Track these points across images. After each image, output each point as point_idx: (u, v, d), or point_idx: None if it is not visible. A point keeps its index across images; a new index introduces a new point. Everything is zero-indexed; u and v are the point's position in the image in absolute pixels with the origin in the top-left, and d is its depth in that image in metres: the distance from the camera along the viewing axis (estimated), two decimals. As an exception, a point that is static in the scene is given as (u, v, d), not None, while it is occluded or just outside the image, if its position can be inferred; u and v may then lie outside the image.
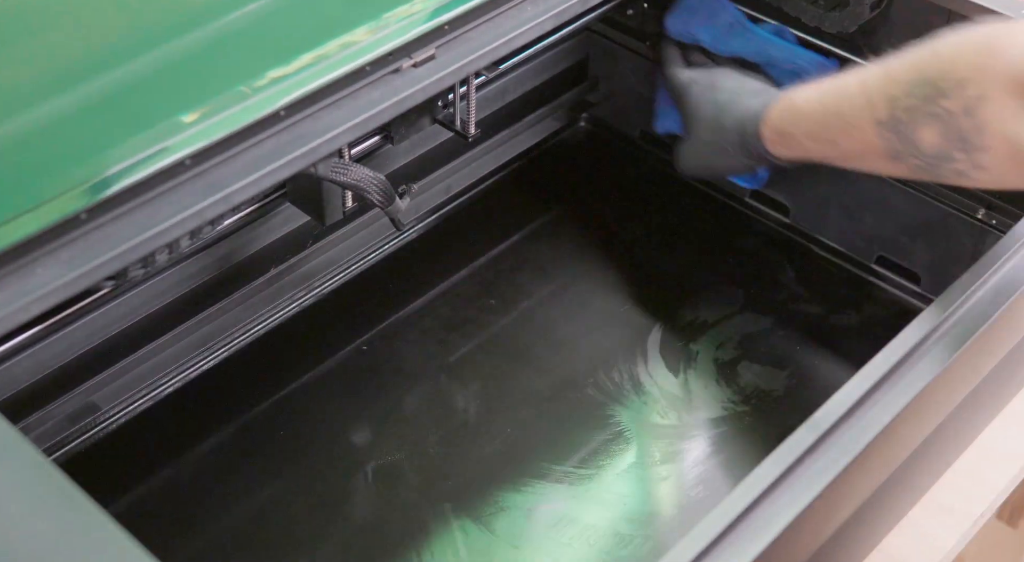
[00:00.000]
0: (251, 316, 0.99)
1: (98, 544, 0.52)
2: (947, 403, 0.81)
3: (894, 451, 0.77)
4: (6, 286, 0.62)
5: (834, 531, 0.75)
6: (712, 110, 0.95)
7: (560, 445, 0.93)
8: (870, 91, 0.79)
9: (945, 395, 0.80)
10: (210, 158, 0.70)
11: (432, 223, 1.11)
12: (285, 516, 0.89)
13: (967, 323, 0.74)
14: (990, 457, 0.95)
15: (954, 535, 0.89)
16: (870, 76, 0.80)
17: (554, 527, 0.88)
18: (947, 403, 0.81)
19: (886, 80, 0.78)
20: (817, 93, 0.85)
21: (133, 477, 0.90)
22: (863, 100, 0.80)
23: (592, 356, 1.00)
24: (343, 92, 0.75)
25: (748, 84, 0.96)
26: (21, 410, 0.85)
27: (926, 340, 0.74)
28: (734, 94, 0.94)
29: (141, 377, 0.93)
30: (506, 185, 1.15)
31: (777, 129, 0.89)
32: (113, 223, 0.66)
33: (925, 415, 0.79)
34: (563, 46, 1.13)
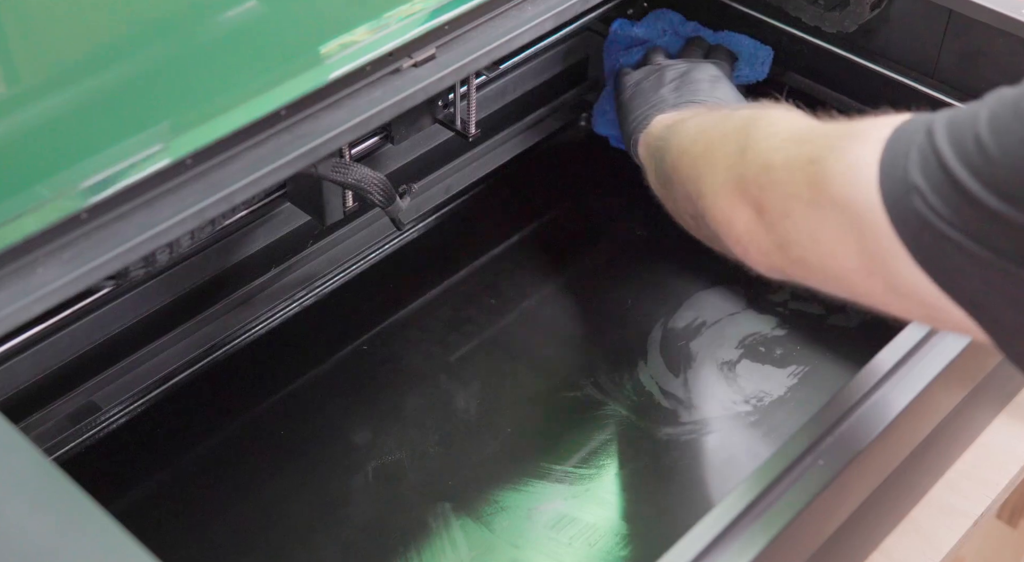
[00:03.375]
0: (251, 316, 0.99)
1: (98, 544, 0.52)
2: (947, 403, 0.81)
3: (894, 451, 0.77)
4: (7, 286, 0.62)
5: (834, 531, 0.75)
6: (630, 93, 0.96)
7: (560, 445, 0.93)
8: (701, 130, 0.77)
9: (945, 395, 0.80)
10: (211, 158, 0.69)
11: (432, 223, 1.11)
12: (285, 515, 0.89)
13: (967, 323, 0.74)
14: (990, 457, 0.95)
15: (954, 535, 0.90)
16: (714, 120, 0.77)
17: (554, 527, 0.88)
18: (947, 403, 0.81)
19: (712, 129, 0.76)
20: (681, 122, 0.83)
21: (133, 477, 0.90)
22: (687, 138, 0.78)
23: (592, 356, 1.00)
24: (343, 92, 0.75)
25: (694, 83, 0.94)
26: (22, 410, 0.85)
27: (926, 340, 0.74)
28: (660, 87, 0.94)
29: (141, 377, 0.93)
30: (506, 185, 1.15)
31: (645, 144, 0.89)
32: (114, 223, 0.66)
33: (925, 415, 0.79)
34: (563, 46, 1.13)
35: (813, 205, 0.61)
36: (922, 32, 0.95)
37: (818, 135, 0.64)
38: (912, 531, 0.90)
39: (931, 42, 0.95)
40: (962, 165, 0.52)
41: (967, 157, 0.52)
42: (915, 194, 0.53)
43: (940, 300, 0.55)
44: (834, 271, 0.62)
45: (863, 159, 0.57)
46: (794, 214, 0.63)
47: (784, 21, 1.03)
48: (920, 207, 0.53)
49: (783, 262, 0.66)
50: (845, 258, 0.60)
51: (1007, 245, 0.51)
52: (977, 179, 0.51)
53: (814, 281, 0.66)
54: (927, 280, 0.55)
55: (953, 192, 0.52)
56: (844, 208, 0.58)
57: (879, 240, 0.56)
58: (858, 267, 0.59)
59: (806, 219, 0.62)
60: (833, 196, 0.59)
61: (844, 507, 0.75)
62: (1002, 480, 0.94)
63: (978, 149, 0.52)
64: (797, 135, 0.66)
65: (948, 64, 0.94)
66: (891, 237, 0.55)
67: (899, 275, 0.56)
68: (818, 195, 0.60)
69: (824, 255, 0.61)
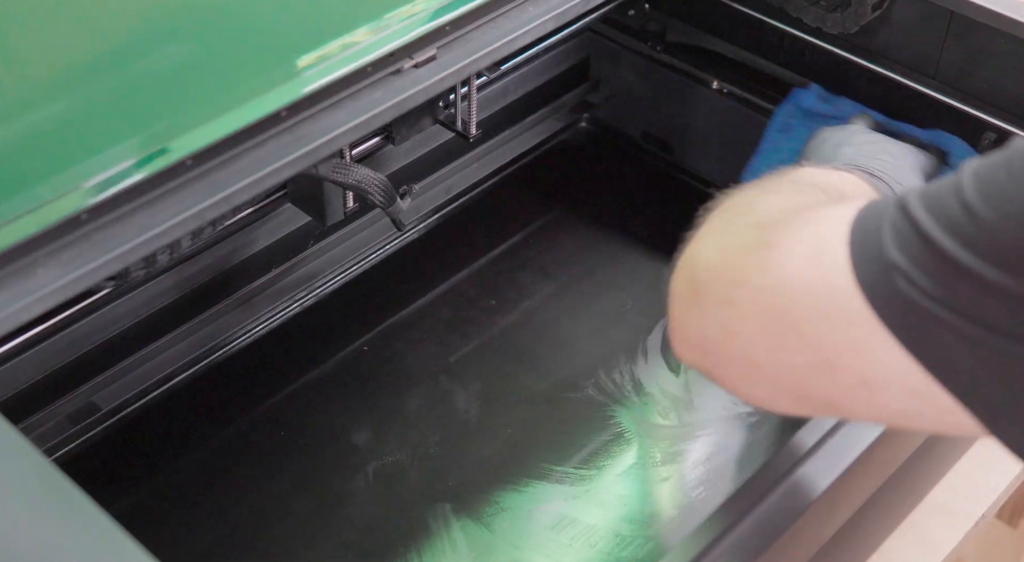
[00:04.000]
0: (252, 316, 0.99)
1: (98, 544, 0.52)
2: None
3: (895, 452, 0.77)
4: (7, 286, 0.62)
5: (834, 533, 0.75)
6: (817, 142, 0.86)
7: (561, 446, 0.93)
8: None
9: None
10: (211, 158, 0.69)
11: (433, 223, 1.11)
12: (286, 516, 0.89)
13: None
14: (990, 458, 0.95)
15: (954, 537, 0.90)
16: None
17: (554, 528, 0.88)
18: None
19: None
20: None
21: (133, 477, 0.90)
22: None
23: (593, 357, 1.00)
24: (344, 93, 0.75)
25: (868, 148, 0.82)
26: (22, 410, 0.85)
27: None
28: (844, 145, 0.83)
29: (141, 377, 0.93)
30: (507, 185, 1.15)
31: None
32: (114, 224, 0.66)
33: (926, 416, 0.79)
34: (564, 46, 1.13)
35: (764, 292, 0.54)
36: (923, 33, 0.95)
37: (777, 220, 0.57)
38: (912, 533, 0.90)
39: (932, 43, 0.95)
40: (948, 235, 0.47)
41: (954, 227, 0.47)
42: (896, 273, 0.49)
43: (929, 388, 0.50)
44: (778, 368, 0.54)
45: (827, 241, 0.52)
46: (739, 302, 0.55)
47: (785, 22, 1.02)
48: (903, 286, 0.48)
49: (713, 358, 0.58)
50: (801, 352, 0.53)
51: (1004, 319, 0.46)
52: (968, 249, 0.47)
53: (743, 381, 0.57)
54: (914, 366, 0.49)
55: (940, 266, 0.47)
56: (803, 294, 0.52)
57: (852, 324, 0.50)
58: (817, 361, 0.52)
59: (753, 307, 0.54)
60: (791, 281, 0.53)
61: (844, 509, 0.75)
62: (1002, 482, 0.94)
63: (968, 217, 0.47)
64: (766, 219, 0.58)
65: (950, 65, 0.94)
66: (869, 319, 0.50)
67: (876, 365, 0.50)
68: (772, 281, 0.54)
69: (773, 350, 0.54)
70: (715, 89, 1.11)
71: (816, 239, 0.53)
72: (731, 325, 0.56)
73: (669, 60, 1.12)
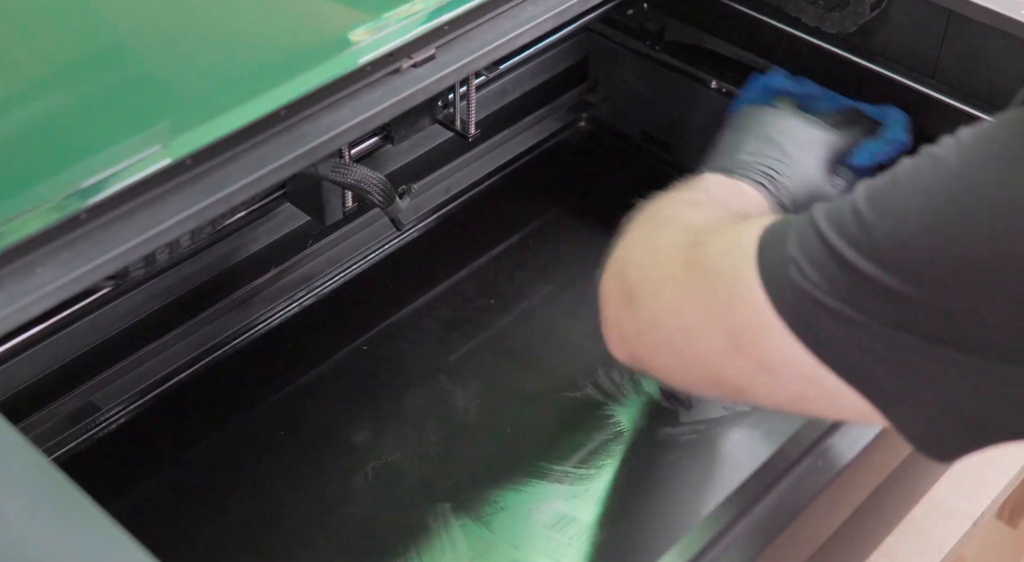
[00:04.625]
0: (251, 316, 0.99)
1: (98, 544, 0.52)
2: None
3: (894, 451, 0.77)
4: (7, 286, 0.62)
5: (834, 531, 0.75)
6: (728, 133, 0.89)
7: (560, 445, 0.93)
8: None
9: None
10: (210, 158, 0.69)
11: (432, 223, 1.11)
12: (285, 515, 0.89)
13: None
14: (990, 457, 0.95)
15: (954, 536, 0.90)
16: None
17: (554, 527, 0.88)
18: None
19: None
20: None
21: (133, 477, 0.90)
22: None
23: (592, 356, 1.00)
24: (343, 92, 0.75)
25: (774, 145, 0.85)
26: (22, 410, 0.85)
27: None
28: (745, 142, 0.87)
29: (141, 377, 0.93)
30: (506, 185, 1.15)
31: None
32: (113, 223, 0.66)
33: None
34: (563, 46, 1.13)
35: (685, 285, 0.60)
36: (922, 32, 0.95)
37: (710, 227, 0.64)
38: (912, 531, 0.90)
39: (931, 42, 0.95)
40: (839, 236, 0.53)
41: (844, 229, 0.53)
42: (792, 265, 0.54)
43: (817, 372, 0.55)
44: (698, 355, 0.60)
45: (743, 238, 0.58)
46: (663, 295, 0.62)
47: (784, 22, 1.02)
48: (796, 277, 0.54)
49: (642, 349, 0.64)
50: (711, 339, 0.59)
51: (882, 308, 0.51)
52: (852, 247, 0.52)
53: (672, 370, 0.64)
54: (803, 352, 0.55)
55: (830, 261, 0.53)
56: (715, 286, 0.58)
57: (753, 314, 0.56)
58: (725, 348, 0.58)
59: (676, 299, 0.61)
60: (706, 275, 0.59)
61: (844, 507, 0.75)
62: (1001, 480, 0.94)
63: (855, 219, 0.53)
64: (693, 225, 0.66)
65: (948, 64, 0.94)
66: (767, 310, 0.55)
67: (773, 350, 0.56)
68: (691, 276, 0.60)
69: (690, 338, 0.60)
70: (714, 88, 1.11)
71: (733, 238, 0.59)
72: (656, 317, 0.62)
73: (668, 59, 1.12)
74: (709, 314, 0.59)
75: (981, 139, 0.52)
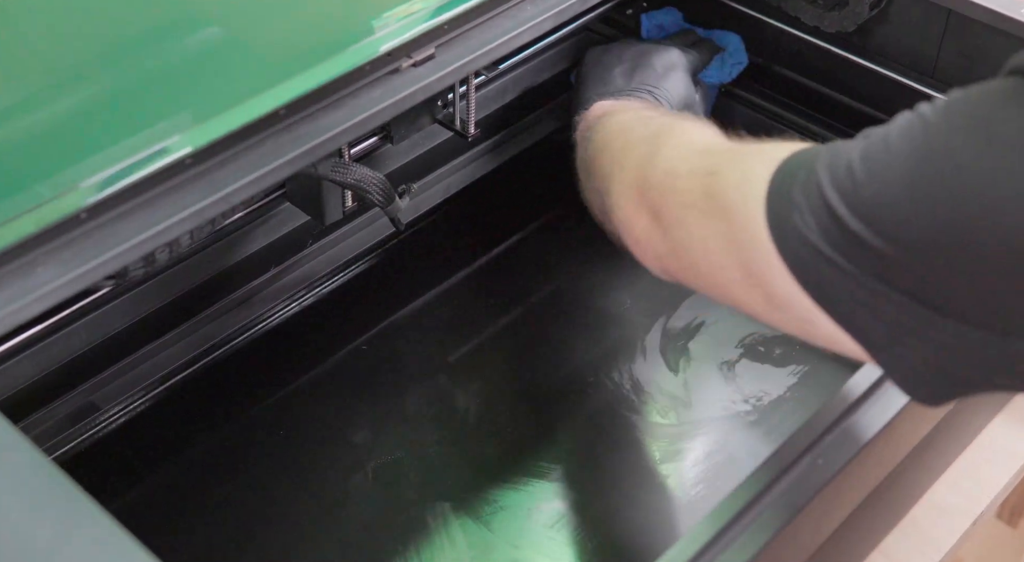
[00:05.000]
0: (251, 316, 0.99)
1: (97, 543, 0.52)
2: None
3: (893, 450, 0.77)
4: (6, 286, 0.62)
5: (833, 531, 0.75)
6: (588, 68, 0.98)
7: (560, 445, 0.93)
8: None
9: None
10: (210, 157, 0.69)
11: (432, 223, 1.11)
12: (285, 515, 0.89)
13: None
14: (990, 456, 0.95)
15: (954, 535, 0.90)
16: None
17: (554, 526, 0.88)
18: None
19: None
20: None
21: (133, 477, 0.90)
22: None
23: (592, 356, 1.00)
24: (342, 92, 0.75)
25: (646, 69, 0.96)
26: (21, 409, 0.85)
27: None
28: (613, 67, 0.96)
29: (141, 377, 0.93)
30: (506, 184, 1.15)
31: (580, 127, 0.91)
32: (113, 222, 0.66)
33: (924, 414, 0.79)
34: (563, 46, 1.13)
35: (706, 214, 0.64)
36: (921, 32, 0.95)
37: (723, 149, 0.67)
38: (911, 530, 0.90)
39: (930, 42, 0.95)
40: (833, 189, 0.55)
41: (838, 182, 0.55)
42: (795, 211, 0.57)
43: (814, 314, 0.58)
44: (720, 281, 0.64)
45: (756, 174, 0.60)
46: (688, 222, 0.65)
47: (783, 21, 1.03)
48: (798, 223, 0.56)
49: (675, 267, 0.69)
50: (730, 269, 0.62)
51: (867, 263, 0.54)
52: (843, 202, 0.55)
53: (703, 288, 0.69)
54: (801, 293, 0.58)
55: (824, 212, 0.55)
56: (731, 219, 0.61)
57: (759, 252, 0.59)
58: (740, 278, 0.62)
59: (699, 228, 0.64)
60: (723, 207, 0.62)
61: (843, 506, 0.75)
62: (1001, 479, 0.94)
63: (848, 175, 0.55)
64: (704, 147, 0.69)
65: (947, 64, 0.94)
66: (770, 250, 0.58)
67: (776, 288, 0.59)
68: (711, 205, 0.63)
69: (712, 265, 0.64)
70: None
71: (748, 171, 0.61)
72: (684, 241, 0.67)
73: (667, 59, 1.12)
74: (727, 246, 0.62)
75: (967, 105, 0.54)
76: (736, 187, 0.62)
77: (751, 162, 0.62)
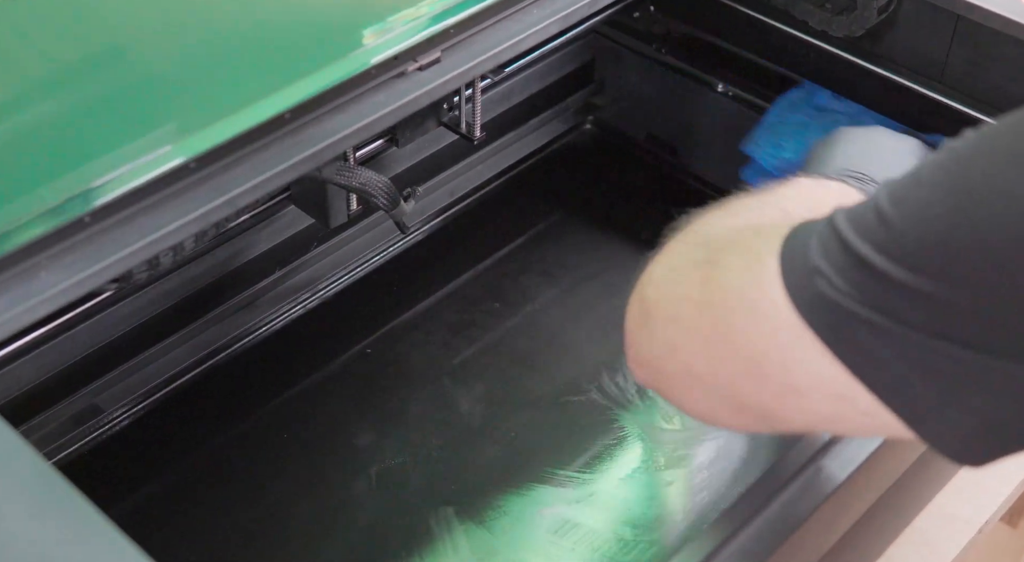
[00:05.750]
0: (255, 319, 0.99)
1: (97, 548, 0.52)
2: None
3: (899, 458, 0.77)
4: (10, 289, 0.62)
5: (838, 539, 0.75)
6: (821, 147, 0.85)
7: (564, 449, 0.93)
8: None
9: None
10: (215, 161, 0.69)
11: (437, 226, 1.11)
12: (288, 519, 0.88)
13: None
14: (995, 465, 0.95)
15: (959, 543, 0.89)
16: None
17: (557, 532, 0.88)
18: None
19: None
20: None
21: (136, 479, 0.90)
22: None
23: (596, 360, 1.00)
24: (348, 95, 0.75)
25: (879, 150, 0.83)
26: (26, 412, 0.85)
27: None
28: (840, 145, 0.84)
29: (144, 380, 0.93)
30: (511, 188, 1.15)
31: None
32: (117, 226, 0.66)
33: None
34: (569, 49, 1.13)
35: (703, 305, 0.57)
36: (930, 37, 0.94)
37: (723, 239, 0.60)
38: (916, 539, 0.90)
39: (939, 47, 0.94)
40: (864, 241, 0.50)
41: (869, 234, 0.50)
42: (818, 277, 0.51)
43: (850, 389, 0.52)
44: (721, 379, 0.57)
45: (760, 251, 0.55)
46: (681, 316, 0.59)
47: (791, 25, 1.02)
48: (826, 289, 0.51)
49: (661, 375, 0.61)
50: (736, 361, 0.55)
51: (917, 316, 0.49)
52: (881, 254, 0.50)
53: (694, 395, 0.59)
54: (835, 367, 0.52)
55: (858, 271, 0.50)
56: (738, 303, 0.55)
57: (779, 331, 0.53)
58: (750, 369, 0.55)
59: (694, 320, 0.58)
60: (727, 292, 0.56)
61: (848, 515, 0.75)
62: (1006, 488, 0.93)
63: (880, 223, 0.50)
64: (708, 238, 0.62)
65: (956, 69, 0.94)
66: (795, 325, 0.52)
67: (800, 368, 0.53)
68: (710, 294, 0.57)
69: (712, 360, 0.57)
70: (720, 92, 1.10)
71: (752, 252, 0.56)
72: (675, 340, 0.58)
73: (674, 62, 1.12)
74: (730, 335, 0.56)
75: (998, 132, 0.50)
76: (742, 269, 0.56)
77: (753, 243, 0.57)
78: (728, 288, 0.56)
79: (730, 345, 0.56)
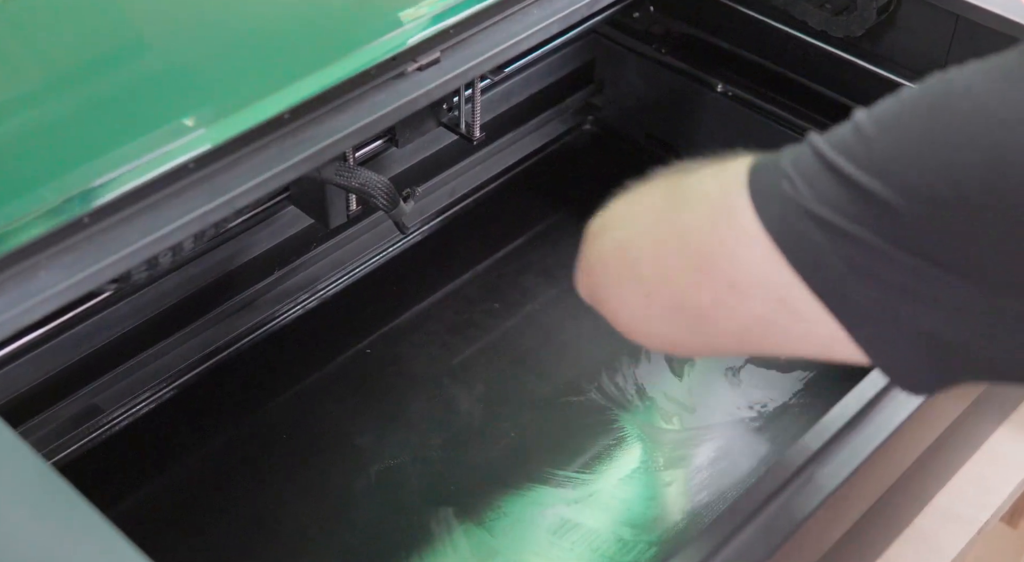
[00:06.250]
0: (254, 319, 0.99)
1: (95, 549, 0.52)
2: (952, 409, 0.81)
3: (898, 458, 0.77)
4: (10, 289, 0.62)
5: (839, 538, 0.75)
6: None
7: (563, 450, 0.93)
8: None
9: (951, 401, 0.80)
10: (214, 161, 0.69)
11: (436, 226, 1.11)
12: (288, 519, 0.88)
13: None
14: (994, 465, 0.95)
15: (959, 543, 0.89)
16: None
17: (557, 532, 0.88)
18: (952, 409, 0.81)
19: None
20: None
21: (135, 479, 0.90)
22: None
23: (596, 360, 1.00)
24: (348, 95, 0.75)
25: None
26: (24, 412, 0.85)
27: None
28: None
29: (144, 380, 0.93)
30: (511, 188, 1.15)
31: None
32: (117, 226, 0.66)
33: (929, 423, 0.79)
34: (569, 49, 1.13)
35: (663, 210, 0.58)
36: (929, 37, 0.94)
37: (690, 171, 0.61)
38: (916, 538, 0.90)
39: (938, 47, 0.94)
40: (837, 152, 0.51)
41: (842, 145, 0.51)
42: (784, 180, 0.52)
43: (790, 290, 0.52)
44: (664, 275, 0.57)
45: (732, 165, 0.56)
46: (637, 222, 0.60)
47: (790, 25, 1.02)
48: (787, 189, 0.52)
49: (603, 278, 0.62)
50: (683, 256, 0.56)
51: (876, 222, 0.50)
52: (851, 161, 0.51)
53: (630, 297, 0.60)
54: (781, 266, 0.52)
55: (826, 176, 0.51)
56: (699, 203, 0.56)
57: (734, 228, 0.54)
58: (698, 264, 0.56)
59: (649, 223, 0.59)
60: (690, 195, 0.57)
61: (848, 515, 0.75)
62: (1006, 488, 0.93)
63: (855, 135, 0.51)
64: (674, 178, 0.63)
65: (955, 69, 0.94)
66: (750, 222, 0.53)
67: (747, 265, 0.53)
68: (672, 199, 0.58)
69: (659, 256, 0.58)
70: (720, 92, 1.10)
71: (723, 166, 0.57)
72: (627, 240, 0.60)
73: (674, 63, 1.12)
74: (684, 231, 0.56)
75: (984, 61, 0.50)
76: (710, 176, 0.56)
77: (725, 163, 0.57)
78: (691, 190, 0.57)
79: (681, 239, 0.56)
